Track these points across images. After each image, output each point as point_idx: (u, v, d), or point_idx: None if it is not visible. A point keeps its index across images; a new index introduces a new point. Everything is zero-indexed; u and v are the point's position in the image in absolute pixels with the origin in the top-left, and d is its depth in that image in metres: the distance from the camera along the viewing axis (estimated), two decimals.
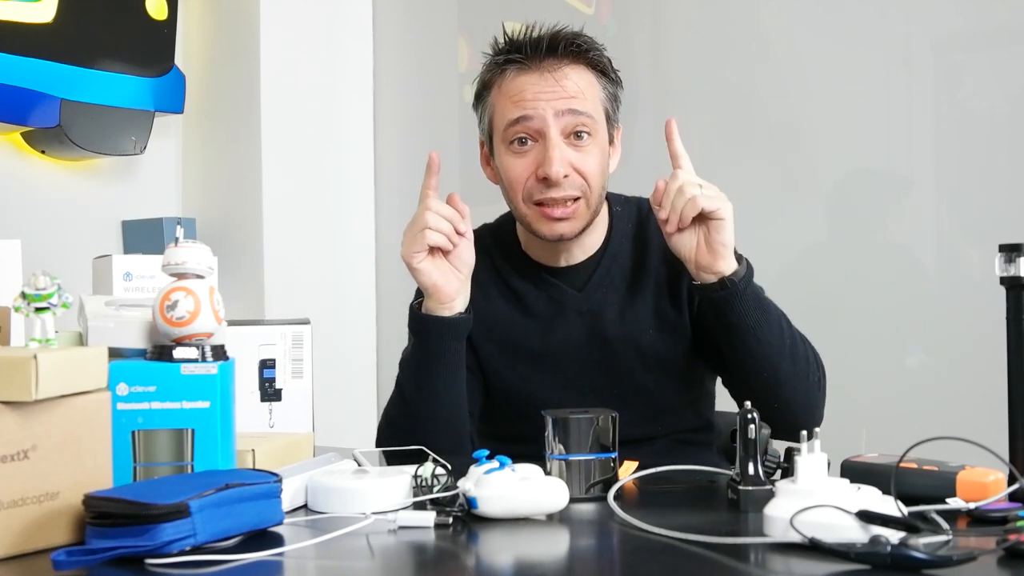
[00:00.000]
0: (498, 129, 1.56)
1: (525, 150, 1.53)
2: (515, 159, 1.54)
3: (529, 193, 1.53)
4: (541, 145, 1.51)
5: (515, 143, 1.53)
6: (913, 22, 2.30)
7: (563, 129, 1.51)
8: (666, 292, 1.60)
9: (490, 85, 1.58)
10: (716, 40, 2.56)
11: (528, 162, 1.52)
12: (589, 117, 1.52)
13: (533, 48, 1.53)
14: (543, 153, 1.50)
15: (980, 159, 2.22)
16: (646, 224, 1.63)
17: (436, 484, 1.12)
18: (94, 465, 1.04)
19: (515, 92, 1.53)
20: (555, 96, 1.51)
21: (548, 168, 1.49)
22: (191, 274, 1.16)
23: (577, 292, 1.61)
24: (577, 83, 1.53)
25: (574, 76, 1.53)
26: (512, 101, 1.53)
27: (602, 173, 1.55)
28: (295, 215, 2.90)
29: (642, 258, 1.61)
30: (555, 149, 1.50)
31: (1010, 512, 1.02)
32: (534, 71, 1.53)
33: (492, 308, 1.63)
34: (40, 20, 2.47)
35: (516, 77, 1.54)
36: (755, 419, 1.14)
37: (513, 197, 1.56)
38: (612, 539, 1.08)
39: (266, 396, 1.50)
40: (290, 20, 2.90)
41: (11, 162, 2.58)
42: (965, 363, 2.16)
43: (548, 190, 1.51)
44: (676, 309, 1.59)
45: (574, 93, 1.52)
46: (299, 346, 1.52)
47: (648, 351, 1.59)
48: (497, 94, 1.56)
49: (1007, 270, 1.13)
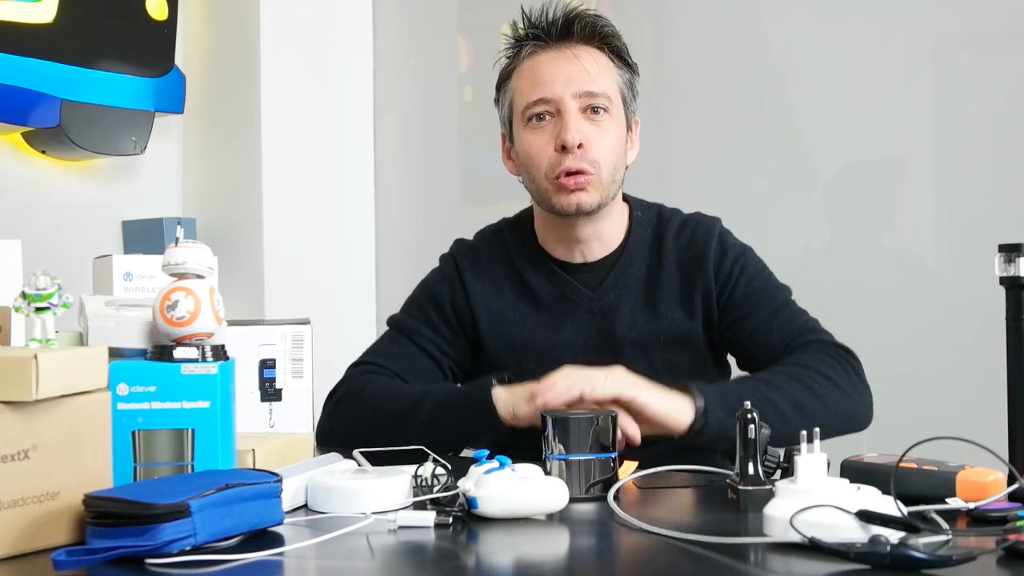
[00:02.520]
0: (518, 111, 1.59)
1: (543, 125, 1.56)
2: (534, 135, 1.57)
3: (550, 167, 1.55)
4: (559, 118, 1.55)
5: (533, 120, 1.57)
6: (913, 22, 2.30)
7: (580, 104, 1.55)
8: (678, 301, 1.60)
9: (510, 73, 1.62)
10: (716, 40, 2.56)
11: (547, 136, 1.56)
12: (605, 97, 1.56)
13: (549, 28, 1.58)
14: (560, 124, 1.54)
15: (980, 159, 2.22)
16: (664, 233, 1.64)
17: (436, 484, 1.12)
18: (94, 465, 1.04)
19: (533, 71, 1.57)
20: (572, 77, 1.54)
21: (565, 135, 1.53)
22: (191, 274, 1.16)
23: (590, 291, 1.62)
24: (594, 63, 1.57)
25: (590, 56, 1.57)
26: (530, 82, 1.57)
27: (616, 152, 1.57)
28: (295, 215, 2.90)
29: (658, 265, 1.62)
30: (572, 118, 1.53)
31: (1010, 512, 1.03)
32: (551, 50, 1.57)
33: (504, 303, 1.65)
34: (40, 20, 2.47)
35: (533, 56, 1.58)
36: (755, 419, 1.14)
37: (535, 174, 1.58)
38: (612, 539, 1.08)
39: (266, 396, 1.50)
40: (290, 20, 2.90)
41: (11, 162, 2.58)
42: (965, 363, 2.16)
43: (565, 159, 1.53)
44: (688, 318, 1.60)
45: (591, 72, 1.55)
46: (299, 346, 1.52)
47: (656, 357, 1.59)
48: (517, 77, 1.60)
49: (1007, 270, 1.13)
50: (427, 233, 2.98)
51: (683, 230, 1.64)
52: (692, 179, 2.57)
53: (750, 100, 2.50)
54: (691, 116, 2.59)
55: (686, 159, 2.60)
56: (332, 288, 2.98)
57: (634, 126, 1.64)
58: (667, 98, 2.61)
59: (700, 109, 2.58)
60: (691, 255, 1.62)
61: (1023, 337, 1.12)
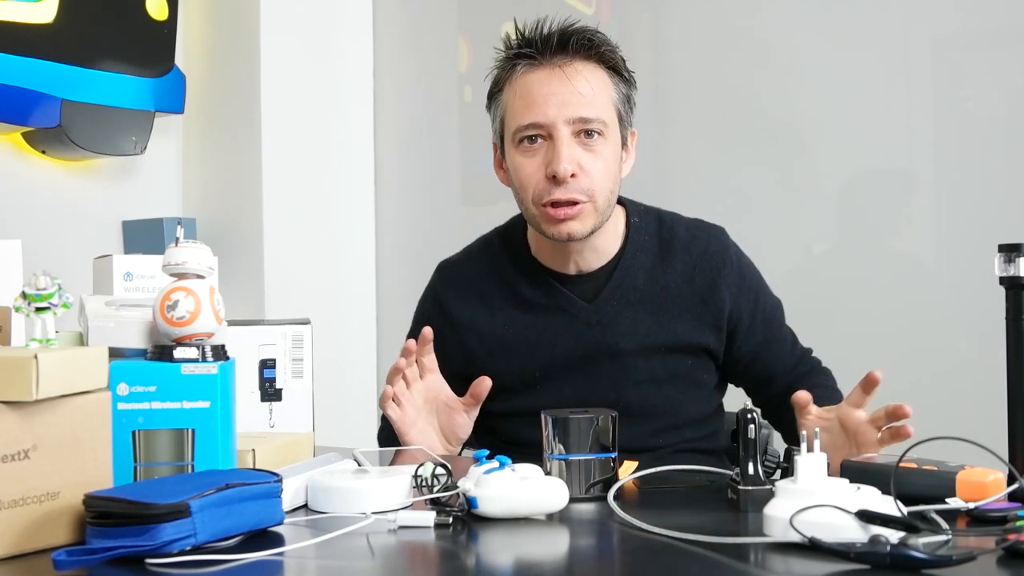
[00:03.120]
0: (509, 130, 1.55)
1: (535, 148, 1.51)
2: (525, 159, 1.52)
3: (539, 194, 1.51)
4: (551, 144, 1.50)
5: (525, 142, 1.52)
6: (913, 22, 2.30)
7: (573, 129, 1.50)
8: (690, 314, 1.58)
9: (501, 84, 1.56)
10: (716, 41, 2.56)
11: (538, 162, 1.51)
12: (600, 122, 1.50)
13: (544, 44, 1.51)
14: (552, 151, 1.49)
15: (980, 159, 2.22)
16: (670, 240, 1.61)
17: (436, 484, 1.12)
18: (95, 465, 1.04)
19: (526, 91, 1.52)
20: (565, 100, 1.49)
21: (556, 165, 1.48)
22: (191, 274, 1.16)
23: (587, 303, 1.59)
24: (589, 82, 1.51)
25: (586, 73, 1.51)
26: (523, 102, 1.52)
27: (611, 176, 1.53)
28: (295, 215, 2.90)
29: (663, 275, 1.59)
30: (564, 147, 1.48)
31: (1009, 512, 1.03)
32: (545, 67, 1.51)
33: (496, 321, 1.62)
34: (40, 20, 2.47)
35: (526, 74, 1.52)
36: (755, 419, 1.14)
37: (524, 198, 1.54)
38: (612, 539, 1.08)
39: (266, 396, 1.50)
40: (290, 20, 2.90)
41: (11, 162, 2.58)
42: (965, 363, 2.17)
43: (555, 190, 1.49)
44: (699, 332, 1.58)
45: (585, 94, 1.49)
46: (299, 346, 1.52)
47: (659, 368, 1.58)
48: (509, 93, 1.55)
49: (1007, 270, 1.13)
50: (427, 233, 2.98)
51: (693, 241, 1.61)
52: (691, 182, 2.57)
53: (749, 103, 2.50)
54: (690, 119, 2.59)
55: (685, 162, 2.59)
56: (332, 288, 2.98)
57: (630, 138, 1.59)
58: (666, 101, 2.61)
59: (699, 112, 2.58)
60: (704, 268, 1.59)
61: (1023, 337, 1.12)
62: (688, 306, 1.58)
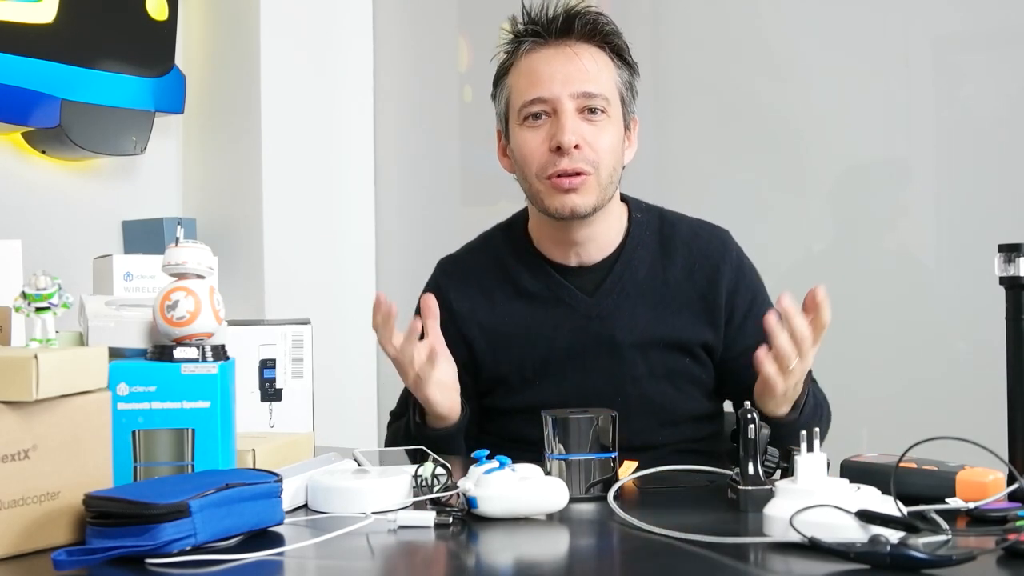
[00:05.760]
0: (514, 108, 1.57)
1: (539, 124, 1.54)
2: (529, 133, 1.55)
3: (543, 167, 1.53)
4: (555, 119, 1.53)
5: (529, 119, 1.55)
6: (913, 22, 2.30)
7: (578, 104, 1.53)
8: (689, 311, 1.59)
9: (508, 68, 1.59)
10: (716, 40, 2.55)
11: (542, 135, 1.54)
12: (603, 99, 1.54)
13: (549, 24, 1.55)
14: (556, 125, 1.52)
15: (980, 159, 2.22)
16: (672, 236, 1.62)
17: (436, 484, 1.12)
18: (95, 465, 1.04)
19: (530, 69, 1.55)
20: (570, 76, 1.52)
21: (561, 136, 1.50)
22: (191, 274, 1.16)
23: (588, 297, 1.60)
24: (594, 60, 1.54)
25: (589, 56, 1.54)
26: (528, 80, 1.55)
27: (614, 152, 1.55)
28: (295, 215, 2.89)
29: (664, 271, 1.60)
30: (568, 119, 1.51)
31: (1009, 512, 1.03)
32: (550, 47, 1.55)
33: (496, 314, 1.62)
34: (40, 20, 2.47)
35: (531, 53, 1.56)
36: (755, 419, 1.14)
37: (527, 173, 1.56)
38: (612, 539, 1.08)
39: (266, 396, 1.50)
40: (290, 20, 2.90)
41: (11, 162, 2.58)
42: (965, 363, 2.17)
43: (560, 160, 1.51)
44: (698, 329, 1.59)
45: (590, 70, 1.53)
46: (299, 346, 1.52)
47: (657, 363, 1.58)
48: (514, 74, 1.58)
49: (1007, 270, 1.13)
50: (427, 233, 2.98)
51: (695, 239, 1.62)
52: (691, 179, 2.57)
53: (749, 100, 2.50)
54: (690, 116, 2.59)
55: (684, 160, 2.59)
56: (332, 288, 2.98)
57: (632, 125, 1.61)
58: (666, 98, 2.61)
59: (699, 109, 2.57)
60: (704, 266, 1.60)
61: (1023, 337, 1.12)
62: (687, 302, 1.59)
